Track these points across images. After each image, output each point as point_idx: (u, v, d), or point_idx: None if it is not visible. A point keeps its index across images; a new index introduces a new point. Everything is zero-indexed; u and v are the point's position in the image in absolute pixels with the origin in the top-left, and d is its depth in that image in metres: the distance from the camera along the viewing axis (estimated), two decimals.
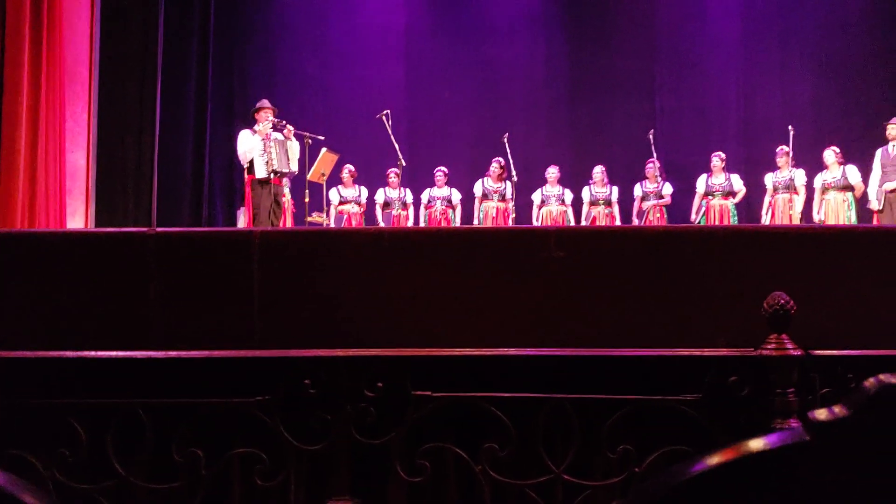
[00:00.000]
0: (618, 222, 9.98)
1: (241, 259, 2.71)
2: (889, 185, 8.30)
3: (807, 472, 0.76)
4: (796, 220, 9.17)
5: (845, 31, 10.69)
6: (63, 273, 2.73)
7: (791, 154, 9.18)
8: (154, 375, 2.39)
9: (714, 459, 0.78)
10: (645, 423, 2.40)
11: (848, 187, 8.91)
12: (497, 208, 10.01)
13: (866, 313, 2.71)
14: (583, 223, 9.95)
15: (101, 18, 8.77)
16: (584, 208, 10.11)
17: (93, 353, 2.36)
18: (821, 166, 9.21)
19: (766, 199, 9.54)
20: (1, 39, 7.18)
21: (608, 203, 10.04)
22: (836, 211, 8.91)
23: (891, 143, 8.49)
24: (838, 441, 0.75)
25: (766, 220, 9.49)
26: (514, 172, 9.61)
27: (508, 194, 9.90)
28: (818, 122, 10.47)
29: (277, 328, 2.69)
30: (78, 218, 8.34)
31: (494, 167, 9.95)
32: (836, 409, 0.78)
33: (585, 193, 10.10)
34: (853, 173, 8.92)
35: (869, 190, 8.65)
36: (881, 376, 0.76)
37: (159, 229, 2.80)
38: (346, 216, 9.83)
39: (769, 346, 2.25)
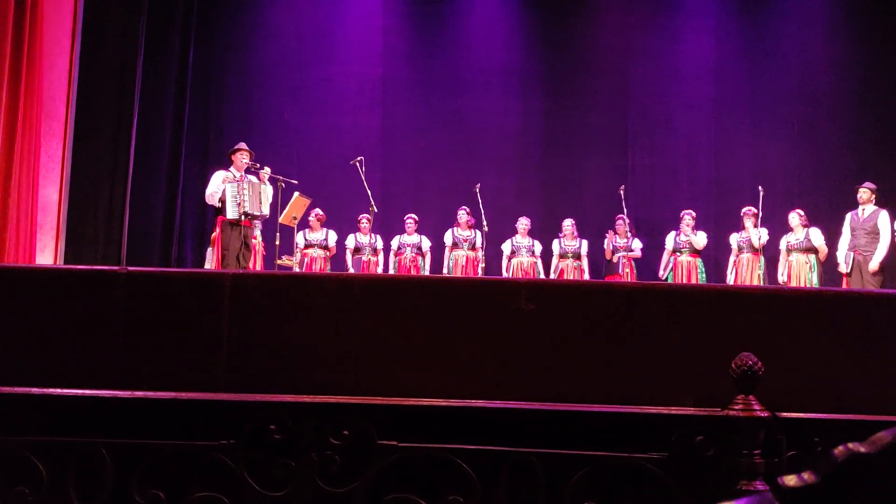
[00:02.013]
0: (586, 276, 10.04)
1: (211, 300, 2.68)
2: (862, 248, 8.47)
3: None
4: (760, 280, 9.29)
5: (816, 98, 10.99)
6: (31, 309, 2.69)
7: (760, 215, 9.33)
8: (118, 415, 2.36)
9: None
10: (610, 479, 2.39)
11: (811, 249, 9.08)
12: (467, 257, 10.05)
13: (833, 376, 2.73)
14: (552, 275, 10.00)
15: (81, 55, 8.79)
16: (554, 261, 10.17)
17: (58, 391, 2.33)
18: (788, 227, 9.38)
19: (731, 259, 9.67)
20: None
21: (577, 256, 10.12)
22: (798, 272, 9.07)
23: (860, 207, 8.67)
24: None
25: (730, 279, 9.60)
26: (485, 222, 9.68)
27: (479, 243, 9.97)
28: (787, 184, 10.68)
29: (245, 371, 2.66)
30: (47, 253, 8.24)
31: (461, 214, 10.05)
32: (806, 475, 0.79)
33: (555, 246, 10.17)
34: (816, 236, 9.10)
35: (838, 253, 8.81)
36: (850, 445, 0.78)
37: (131, 268, 2.78)
38: (307, 259, 9.81)
39: (736, 407, 2.26)
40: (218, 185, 8.08)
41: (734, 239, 9.65)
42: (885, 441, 0.75)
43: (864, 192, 8.66)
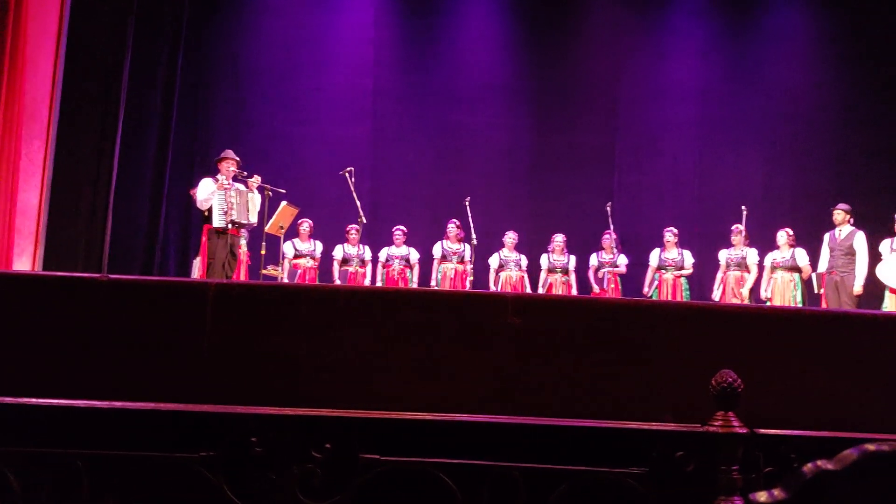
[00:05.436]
0: (574, 291, 10.07)
1: (194, 310, 2.67)
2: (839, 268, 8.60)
3: None
4: (745, 297, 9.37)
5: (798, 120, 11.12)
6: (7, 316, 2.65)
7: (745, 233, 9.45)
8: (95, 425, 2.33)
9: None
10: (591, 494, 2.40)
11: (795, 268, 9.19)
12: (455, 270, 10.06)
13: (811, 394, 2.76)
14: (540, 290, 10.02)
15: (66, 58, 8.71)
16: (542, 275, 10.20)
17: (33, 401, 2.30)
18: (769, 246, 9.48)
19: (719, 275, 9.74)
20: None
21: (565, 271, 10.15)
22: (782, 290, 9.15)
23: (837, 228, 8.81)
24: None
25: (716, 295, 9.66)
26: (473, 235, 9.71)
27: (467, 256, 9.98)
28: (769, 204, 10.78)
29: (226, 383, 2.65)
30: (25, 259, 8.14)
31: (451, 228, 10.07)
32: (776, 491, 0.80)
33: (544, 260, 10.20)
34: (801, 256, 9.20)
35: (815, 273, 8.97)
36: (819, 462, 0.79)
37: (111, 276, 2.76)
38: (300, 270, 9.78)
39: (716, 423, 2.27)
40: (209, 192, 8.04)
41: (723, 255, 9.73)
42: (851, 458, 0.76)
43: (839, 214, 8.82)
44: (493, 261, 10.22)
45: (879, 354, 2.79)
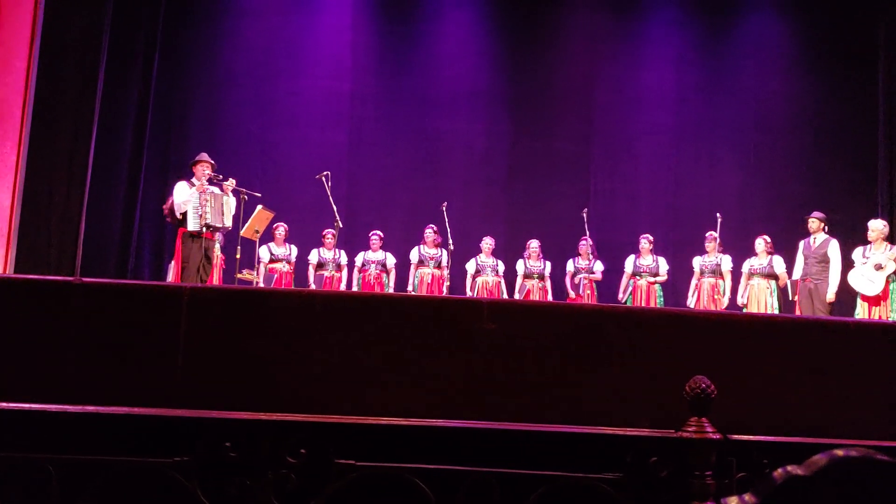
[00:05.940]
0: (550, 296, 10.10)
1: (168, 314, 2.65)
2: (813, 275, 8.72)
3: None
4: (723, 304, 9.45)
5: (771, 130, 11.26)
6: None
7: (718, 240, 9.54)
8: (68, 430, 2.31)
9: None
10: (566, 499, 2.40)
11: (772, 275, 9.29)
12: (433, 275, 10.05)
13: (784, 400, 2.78)
14: (517, 295, 10.04)
15: (40, 59, 8.61)
16: (518, 281, 10.22)
17: (3, 405, 2.27)
18: (744, 253, 9.56)
19: (693, 282, 9.82)
20: None
21: (541, 277, 10.19)
22: (759, 296, 9.24)
23: (812, 236, 8.92)
24: None
25: (691, 301, 9.73)
26: (450, 241, 9.71)
27: (444, 262, 9.98)
28: (744, 212, 10.89)
29: (201, 387, 2.63)
30: None
31: (428, 233, 10.06)
32: (747, 496, 0.81)
33: (520, 266, 10.23)
34: (779, 263, 9.31)
35: (790, 280, 9.08)
36: (788, 467, 0.80)
37: (85, 279, 2.73)
38: (276, 275, 9.73)
39: (689, 429, 2.29)
40: (186, 195, 7.97)
41: (697, 262, 9.81)
42: (821, 464, 0.78)
43: (814, 222, 8.94)
44: (470, 266, 10.23)
45: (851, 361, 2.83)
